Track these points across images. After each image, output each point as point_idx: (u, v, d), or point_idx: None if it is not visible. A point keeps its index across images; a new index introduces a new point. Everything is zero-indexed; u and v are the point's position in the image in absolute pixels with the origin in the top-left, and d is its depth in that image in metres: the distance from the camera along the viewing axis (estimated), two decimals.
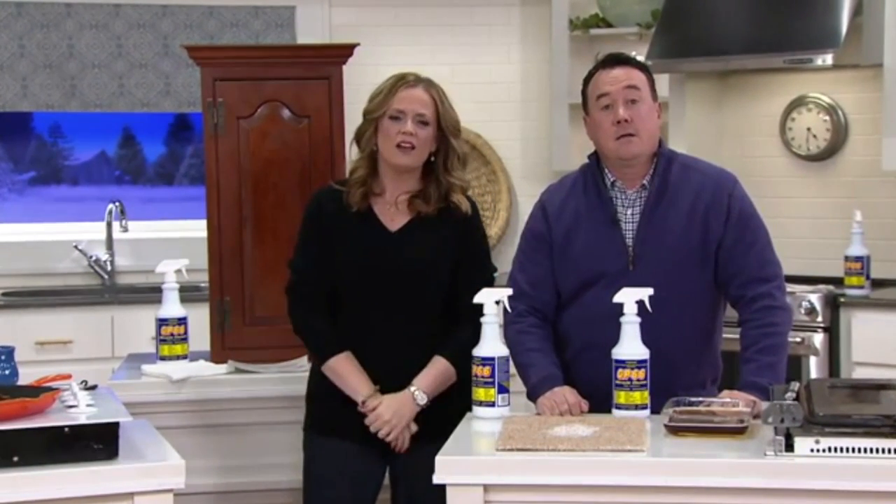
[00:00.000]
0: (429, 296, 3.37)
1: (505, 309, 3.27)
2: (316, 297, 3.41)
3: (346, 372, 3.36)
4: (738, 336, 3.25)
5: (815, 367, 4.98)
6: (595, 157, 3.33)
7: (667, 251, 3.22)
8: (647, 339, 3.07)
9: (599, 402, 3.12)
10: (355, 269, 3.37)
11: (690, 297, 3.23)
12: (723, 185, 3.29)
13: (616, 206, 3.27)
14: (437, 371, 3.34)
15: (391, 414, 3.31)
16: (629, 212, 3.26)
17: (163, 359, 3.88)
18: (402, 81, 3.37)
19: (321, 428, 3.44)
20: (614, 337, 3.08)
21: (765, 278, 3.24)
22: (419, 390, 3.33)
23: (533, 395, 3.22)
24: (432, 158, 3.40)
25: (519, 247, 3.40)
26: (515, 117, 6.09)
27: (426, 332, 3.36)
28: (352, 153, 3.48)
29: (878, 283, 5.17)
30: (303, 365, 3.93)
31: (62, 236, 5.86)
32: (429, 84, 3.39)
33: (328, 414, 3.42)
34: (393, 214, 3.40)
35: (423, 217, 3.39)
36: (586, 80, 3.32)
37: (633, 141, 3.21)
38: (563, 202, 3.33)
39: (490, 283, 3.39)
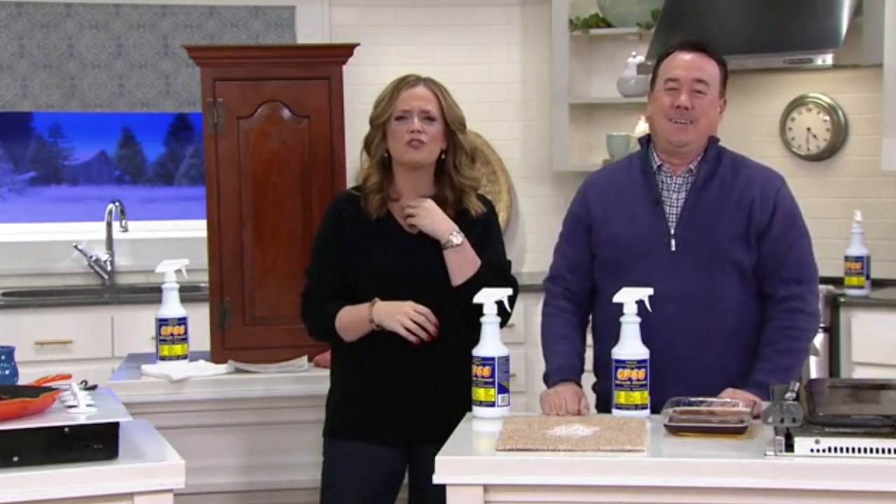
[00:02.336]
0: (452, 296, 3.37)
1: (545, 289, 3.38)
2: (329, 300, 3.41)
3: (350, 308, 3.36)
4: None
5: (815, 367, 4.98)
6: (646, 140, 3.34)
7: (709, 235, 3.22)
8: (689, 322, 3.09)
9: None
10: (379, 273, 3.36)
11: (733, 280, 3.23)
12: (771, 181, 3.30)
13: (661, 189, 3.28)
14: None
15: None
16: (674, 196, 3.27)
17: (163, 359, 3.88)
18: (403, 83, 3.39)
19: (344, 432, 3.42)
20: (657, 317, 3.09)
21: (800, 279, 3.25)
22: (458, 233, 3.35)
23: (546, 382, 3.27)
24: (443, 156, 3.41)
25: (560, 232, 3.43)
26: (515, 117, 6.09)
27: (449, 332, 3.35)
28: (361, 159, 3.48)
29: (878, 283, 5.17)
30: (302, 365, 3.93)
31: (62, 236, 5.87)
32: (430, 82, 3.41)
33: (351, 418, 3.41)
34: None
35: None
36: (660, 59, 3.32)
37: (687, 129, 3.22)
38: (606, 184, 3.37)
39: (508, 279, 3.41)
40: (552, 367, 3.27)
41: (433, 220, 3.35)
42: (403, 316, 3.29)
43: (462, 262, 3.34)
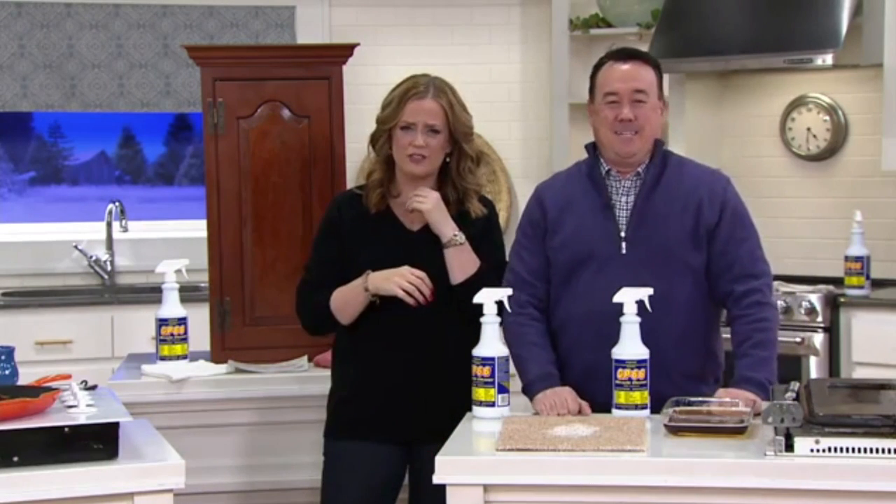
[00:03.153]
0: (450, 292, 3.37)
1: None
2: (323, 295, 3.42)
3: (343, 287, 3.37)
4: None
5: (815, 367, 4.98)
6: (592, 147, 3.35)
7: (659, 236, 3.24)
8: (642, 322, 3.08)
9: (592, 387, 3.14)
10: (378, 268, 3.37)
11: (683, 282, 3.24)
12: (717, 181, 3.33)
13: (610, 193, 3.29)
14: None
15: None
16: (623, 199, 3.28)
17: (163, 359, 3.88)
18: (412, 91, 3.38)
19: (344, 432, 3.43)
20: (607, 320, 3.10)
21: (755, 275, 3.26)
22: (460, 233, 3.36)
23: (529, 391, 3.24)
24: (447, 160, 3.42)
25: (516, 238, 3.42)
26: (515, 117, 6.09)
27: (446, 331, 3.36)
28: (368, 150, 3.49)
29: (878, 283, 5.17)
30: (302, 365, 3.93)
31: (62, 236, 5.86)
32: (438, 92, 3.39)
33: (352, 417, 3.42)
34: (412, 217, 3.41)
35: None
36: (596, 68, 3.33)
37: (633, 139, 3.25)
38: (557, 190, 3.38)
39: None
40: (533, 376, 3.24)
41: (441, 214, 3.35)
42: (400, 278, 3.30)
43: (463, 260, 3.35)
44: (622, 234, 3.25)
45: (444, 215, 3.36)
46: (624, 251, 3.24)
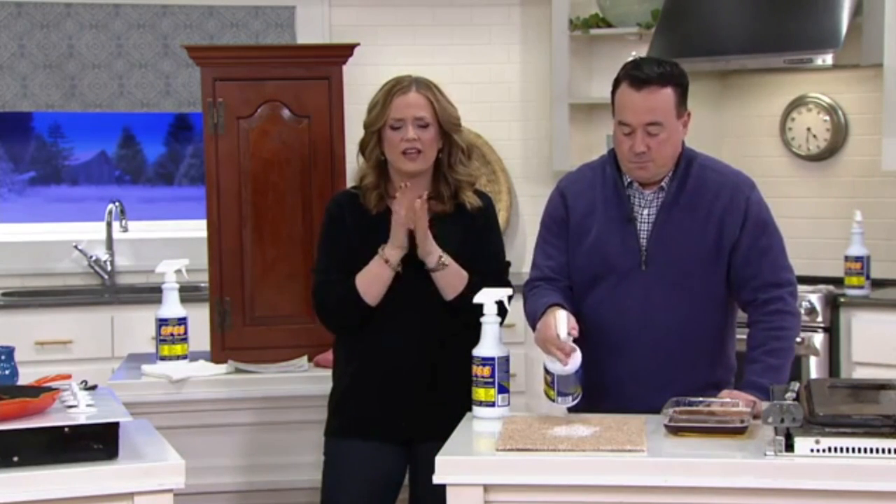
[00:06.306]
0: None
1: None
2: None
3: (364, 269, 3.36)
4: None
5: (815, 367, 4.98)
6: (614, 155, 3.31)
7: (680, 252, 3.21)
8: (658, 339, 3.07)
9: (611, 400, 3.15)
10: None
11: (702, 298, 3.23)
12: (740, 188, 3.27)
13: (632, 204, 3.26)
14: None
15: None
16: (645, 212, 3.25)
17: (163, 359, 3.88)
18: (395, 89, 3.39)
19: (344, 431, 3.43)
20: (624, 335, 3.13)
21: (777, 283, 3.24)
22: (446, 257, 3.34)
23: (533, 328, 3.21)
24: (439, 156, 3.42)
25: (540, 234, 3.40)
26: (515, 117, 6.09)
27: (446, 331, 3.36)
28: (358, 160, 3.49)
29: (878, 283, 5.17)
30: (302, 365, 3.93)
31: (62, 236, 5.87)
32: (422, 86, 3.40)
33: (352, 416, 3.42)
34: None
35: (440, 215, 3.41)
36: (615, 83, 3.24)
37: (647, 167, 3.19)
38: (580, 191, 3.33)
39: (505, 275, 3.44)
40: (542, 305, 3.18)
41: (427, 240, 3.33)
42: (394, 223, 3.30)
43: (451, 278, 3.35)
44: (643, 250, 3.23)
45: (429, 241, 3.34)
46: (644, 268, 3.23)
